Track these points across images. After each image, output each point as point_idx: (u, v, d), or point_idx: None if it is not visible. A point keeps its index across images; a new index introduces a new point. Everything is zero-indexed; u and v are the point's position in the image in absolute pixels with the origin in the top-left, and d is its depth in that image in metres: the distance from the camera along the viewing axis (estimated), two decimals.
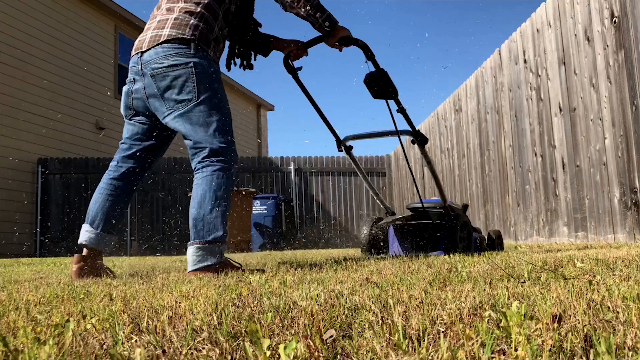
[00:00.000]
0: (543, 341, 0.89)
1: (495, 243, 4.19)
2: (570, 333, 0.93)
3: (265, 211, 10.93)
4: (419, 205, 3.81)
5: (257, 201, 10.87)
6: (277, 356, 0.92)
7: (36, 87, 11.34)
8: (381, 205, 4.13)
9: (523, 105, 6.12)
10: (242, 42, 3.30)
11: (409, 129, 3.42)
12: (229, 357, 0.95)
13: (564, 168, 5.27)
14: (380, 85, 3.13)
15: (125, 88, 3.00)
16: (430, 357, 0.84)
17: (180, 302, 1.51)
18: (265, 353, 0.84)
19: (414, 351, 0.87)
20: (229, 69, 3.36)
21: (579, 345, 0.88)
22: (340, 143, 3.69)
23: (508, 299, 1.33)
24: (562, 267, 2.08)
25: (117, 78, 13.64)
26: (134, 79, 2.92)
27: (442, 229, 3.61)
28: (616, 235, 4.46)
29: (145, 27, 2.98)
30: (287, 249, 9.90)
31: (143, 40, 2.91)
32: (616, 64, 4.37)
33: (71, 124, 12.20)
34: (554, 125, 5.43)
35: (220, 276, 2.45)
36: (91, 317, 1.31)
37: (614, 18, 4.38)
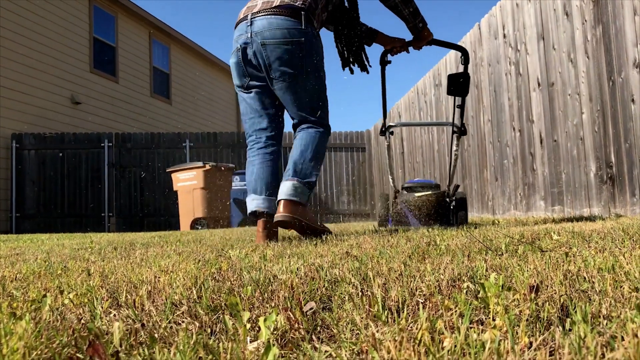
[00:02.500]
0: (520, 311, 0.90)
1: None
2: (547, 303, 0.94)
3: (245, 187, 10.89)
4: (411, 184, 4.33)
5: (237, 177, 10.80)
6: (257, 329, 0.92)
7: (8, 61, 11.05)
8: (392, 184, 4.57)
9: (502, 80, 6.15)
10: (350, 37, 3.52)
11: (458, 122, 3.94)
12: (209, 330, 0.95)
13: (541, 143, 5.32)
14: (459, 84, 3.74)
15: (234, 58, 3.16)
16: (409, 328, 0.84)
17: (159, 277, 1.50)
18: (245, 325, 0.83)
19: (394, 322, 0.88)
20: (351, 71, 3.62)
21: (556, 315, 0.89)
22: (386, 128, 4.13)
23: (486, 270, 1.34)
24: (539, 239, 2.11)
25: (92, 51, 13.34)
26: (243, 47, 3.08)
27: (453, 206, 4.10)
28: (592, 209, 4.53)
29: None
30: None
31: (253, 6, 3.09)
32: (594, 39, 4.40)
33: (46, 99, 11.94)
34: (533, 100, 5.46)
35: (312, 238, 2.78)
36: (69, 292, 1.29)
37: None
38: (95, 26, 13.54)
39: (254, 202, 3.10)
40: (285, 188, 2.95)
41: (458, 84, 3.74)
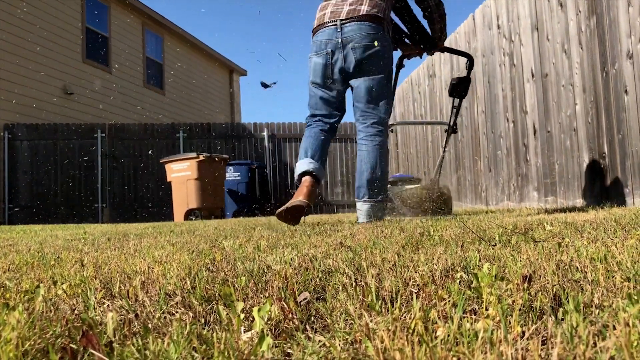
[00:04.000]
0: (513, 301, 0.90)
1: None
2: (539, 293, 0.94)
3: (239, 177, 10.88)
4: (394, 179, 4.78)
5: (231, 167, 10.79)
6: (251, 319, 0.92)
7: (0, 51, 10.96)
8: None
9: (496, 71, 6.14)
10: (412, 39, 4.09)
11: (450, 122, 4.42)
12: (203, 321, 0.95)
13: (535, 134, 5.33)
14: (461, 87, 4.22)
15: (320, 59, 3.60)
16: (402, 317, 0.84)
17: (153, 268, 1.49)
18: (239, 316, 0.84)
19: (387, 312, 0.88)
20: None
21: (548, 305, 0.90)
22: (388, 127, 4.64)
23: (479, 260, 1.35)
24: (532, 230, 2.12)
25: (85, 42, 13.24)
26: (332, 51, 3.54)
27: (442, 198, 4.53)
28: (584, 199, 4.55)
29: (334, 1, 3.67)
30: (260, 215, 9.91)
31: (339, 12, 3.54)
32: (588, 30, 4.40)
33: (38, 89, 11.85)
34: (526, 91, 5.47)
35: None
36: (62, 283, 1.29)
37: None
38: (88, 16, 13.42)
39: (311, 165, 3.53)
40: (364, 210, 3.49)
41: (461, 87, 4.21)
